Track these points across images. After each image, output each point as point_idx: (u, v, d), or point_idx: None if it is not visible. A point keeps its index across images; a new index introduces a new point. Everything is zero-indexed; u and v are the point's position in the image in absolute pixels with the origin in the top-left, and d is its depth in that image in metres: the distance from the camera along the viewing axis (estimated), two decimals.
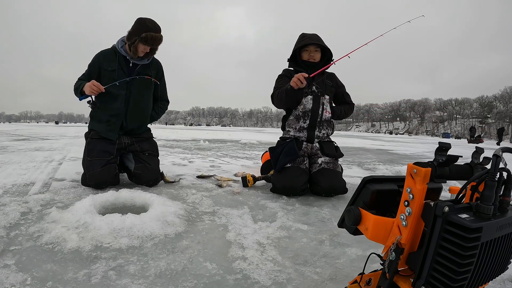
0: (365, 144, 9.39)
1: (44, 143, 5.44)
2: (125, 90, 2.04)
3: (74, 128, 18.18)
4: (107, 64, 2.03)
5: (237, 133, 15.68)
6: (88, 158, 1.91)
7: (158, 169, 2.08)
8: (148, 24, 1.94)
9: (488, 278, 0.57)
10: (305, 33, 2.18)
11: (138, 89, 2.09)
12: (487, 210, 0.53)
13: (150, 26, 1.93)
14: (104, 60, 2.04)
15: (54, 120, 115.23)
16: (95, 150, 1.94)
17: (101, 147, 1.96)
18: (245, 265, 0.99)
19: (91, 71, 2.05)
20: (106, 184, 1.89)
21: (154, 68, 2.16)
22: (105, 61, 2.04)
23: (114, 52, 2.05)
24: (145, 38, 1.91)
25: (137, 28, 1.93)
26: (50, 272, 0.90)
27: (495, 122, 74.67)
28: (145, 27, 1.92)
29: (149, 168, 2.01)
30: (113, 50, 2.06)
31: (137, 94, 2.07)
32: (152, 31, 1.93)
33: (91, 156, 1.92)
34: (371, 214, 0.61)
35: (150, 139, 2.20)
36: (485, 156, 0.62)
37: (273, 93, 2.14)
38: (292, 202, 1.76)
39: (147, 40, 1.92)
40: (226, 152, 4.77)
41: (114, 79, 2.01)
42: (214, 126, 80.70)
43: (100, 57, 2.05)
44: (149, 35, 1.91)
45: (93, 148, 1.95)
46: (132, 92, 2.05)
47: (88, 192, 1.77)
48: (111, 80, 2.00)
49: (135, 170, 1.98)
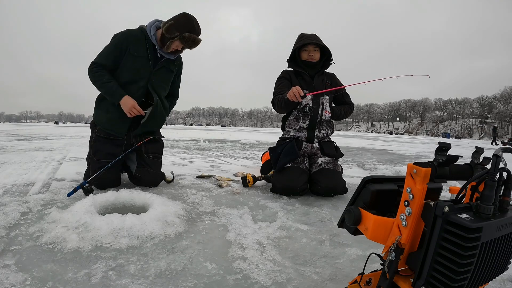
0: (365, 144, 9.39)
1: (44, 143, 5.43)
2: (146, 81, 1.89)
3: (74, 128, 18.17)
4: (135, 48, 1.85)
5: (237, 133, 15.67)
6: (95, 158, 1.86)
7: (159, 173, 2.03)
8: (195, 25, 1.80)
9: (488, 278, 0.57)
10: (303, 33, 2.18)
11: (160, 82, 1.94)
12: (487, 210, 0.53)
13: (195, 28, 1.81)
14: (133, 42, 1.84)
15: (54, 120, 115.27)
16: (102, 152, 1.86)
17: (108, 149, 1.87)
18: (245, 265, 0.99)
19: (117, 54, 1.84)
20: (111, 185, 1.85)
21: (177, 65, 2.06)
22: (133, 43, 1.84)
23: (144, 37, 1.87)
24: (187, 38, 1.78)
25: (182, 24, 1.77)
26: (50, 272, 0.90)
27: (495, 122, 74.68)
28: (190, 26, 1.79)
29: (150, 172, 1.93)
30: (143, 33, 1.87)
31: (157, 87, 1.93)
32: (196, 33, 1.81)
33: (98, 157, 1.86)
34: (371, 214, 0.61)
35: (158, 139, 2.09)
36: (485, 156, 0.62)
37: (274, 100, 2.14)
38: (292, 202, 1.76)
39: (188, 41, 1.80)
40: (226, 152, 4.77)
41: (138, 66, 1.85)
42: (214, 126, 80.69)
43: (130, 38, 1.85)
44: (192, 37, 1.79)
45: (100, 149, 1.87)
46: (154, 83, 1.91)
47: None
48: (135, 66, 1.84)
49: (136, 173, 1.92)
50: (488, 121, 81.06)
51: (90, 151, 1.94)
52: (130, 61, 1.85)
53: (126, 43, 1.84)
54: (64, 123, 69.06)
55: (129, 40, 1.85)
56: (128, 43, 1.84)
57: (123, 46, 1.84)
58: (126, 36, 1.85)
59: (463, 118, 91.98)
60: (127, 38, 1.85)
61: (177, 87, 2.17)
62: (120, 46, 1.84)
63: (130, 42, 1.85)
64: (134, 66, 1.86)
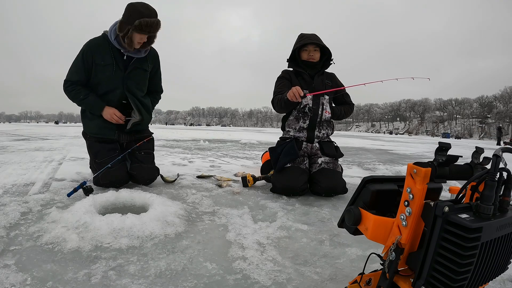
0: (365, 144, 9.39)
1: (44, 143, 5.43)
2: (121, 88, 1.88)
3: (74, 128, 18.17)
4: (100, 57, 1.81)
5: (237, 133, 15.67)
6: (97, 161, 1.88)
7: (153, 167, 2.04)
8: (141, 9, 1.70)
9: (488, 278, 0.57)
10: (304, 33, 2.18)
11: (135, 84, 1.92)
12: (487, 210, 0.53)
13: (143, 11, 1.69)
14: (96, 52, 1.81)
15: (54, 120, 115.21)
16: (101, 152, 1.89)
17: (106, 147, 1.91)
18: (245, 265, 0.99)
19: (86, 67, 1.82)
20: (121, 183, 1.86)
21: (151, 61, 1.99)
22: (97, 53, 1.81)
23: (107, 43, 1.82)
24: (139, 25, 1.67)
25: (129, 16, 1.70)
26: (50, 272, 0.90)
27: (495, 122, 74.70)
28: (138, 13, 1.69)
29: (144, 167, 1.95)
30: (105, 39, 1.83)
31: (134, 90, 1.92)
32: (147, 16, 1.69)
33: (100, 158, 1.88)
34: (371, 214, 0.61)
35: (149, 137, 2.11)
36: (485, 156, 0.62)
37: (273, 100, 2.14)
38: (292, 202, 1.76)
39: (142, 28, 1.69)
40: (226, 152, 4.77)
41: (108, 75, 1.82)
42: (214, 126, 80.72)
43: (93, 48, 1.81)
44: (143, 22, 1.67)
45: (99, 150, 1.90)
46: (130, 88, 1.91)
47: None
48: (105, 76, 1.82)
49: (131, 171, 1.94)
50: (488, 121, 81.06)
51: (91, 157, 1.98)
52: (99, 72, 1.84)
53: (90, 53, 1.82)
54: (64, 123, 69.05)
55: (93, 50, 1.82)
56: (92, 53, 1.82)
57: (89, 58, 1.83)
58: (89, 46, 1.83)
59: (463, 118, 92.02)
60: (91, 49, 1.82)
61: (158, 82, 2.14)
62: (86, 59, 1.83)
63: (94, 52, 1.82)
64: (104, 75, 1.85)
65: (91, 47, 1.83)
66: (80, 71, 1.85)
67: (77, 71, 1.85)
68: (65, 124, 45.14)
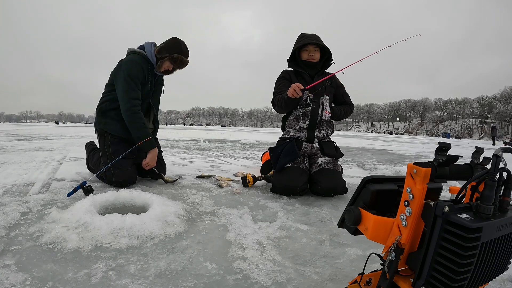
0: (365, 144, 9.39)
1: (44, 143, 5.43)
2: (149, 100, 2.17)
3: (74, 128, 18.18)
4: (146, 75, 2.07)
5: (237, 133, 15.67)
6: (114, 158, 1.95)
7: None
8: (182, 47, 2.04)
9: (488, 278, 0.57)
10: (304, 33, 2.18)
11: (157, 97, 2.25)
12: (487, 210, 0.53)
13: (183, 50, 2.04)
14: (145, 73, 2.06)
15: (54, 120, 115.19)
16: (121, 151, 1.98)
17: (126, 147, 2.00)
18: (245, 265, 0.99)
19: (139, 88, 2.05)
20: (132, 183, 1.99)
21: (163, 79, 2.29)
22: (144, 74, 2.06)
23: (147, 63, 2.07)
24: (175, 58, 2.01)
25: (171, 46, 2.01)
26: (50, 272, 0.90)
27: (495, 122, 74.69)
28: (178, 48, 2.02)
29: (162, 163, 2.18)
30: (145, 60, 2.07)
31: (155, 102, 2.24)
32: (184, 54, 2.04)
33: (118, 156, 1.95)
34: (371, 214, 0.61)
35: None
36: (485, 156, 0.62)
37: (273, 100, 2.14)
38: (292, 202, 1.76)
39: (176, 61, 2.03)
40: (226, 152, 4.77)
41: (146, 90, 2.10)
42: (214, 126, 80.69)
43: (145, 70, 2.06)
44: (179, 58, 2.02)
45: (119, 148, 2.01)
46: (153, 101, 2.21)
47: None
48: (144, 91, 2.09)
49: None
50: (488, 121, 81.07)
51: (107, 154, 2.02)
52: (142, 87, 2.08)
53: (141, 76, 2.03)
54: (64, 123, 69.04)
55: (144, 73, 2.05)
56: (143, 76, 2.05)
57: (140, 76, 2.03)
58: (142, 69, 2.03)
59: (463, 118, 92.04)
60: (143, 72, 2.04)
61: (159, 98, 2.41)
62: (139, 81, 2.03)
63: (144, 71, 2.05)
64: (144, 91, 2.09)
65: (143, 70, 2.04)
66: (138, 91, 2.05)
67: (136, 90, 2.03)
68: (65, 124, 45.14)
